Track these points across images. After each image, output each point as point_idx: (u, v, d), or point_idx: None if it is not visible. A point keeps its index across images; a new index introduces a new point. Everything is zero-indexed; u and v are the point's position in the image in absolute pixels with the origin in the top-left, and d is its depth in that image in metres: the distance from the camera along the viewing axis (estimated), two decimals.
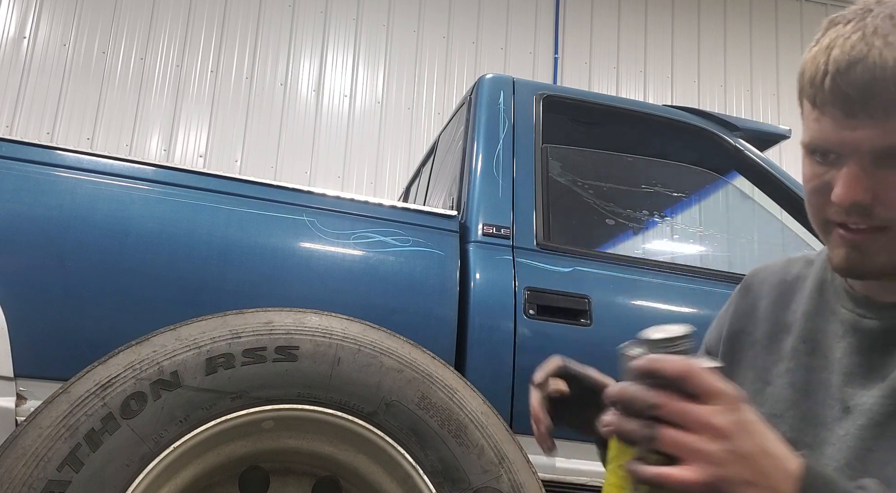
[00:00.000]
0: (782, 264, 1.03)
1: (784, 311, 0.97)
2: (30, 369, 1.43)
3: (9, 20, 5.63)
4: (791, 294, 0.98)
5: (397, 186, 5.78)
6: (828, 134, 0.78)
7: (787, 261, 1.03)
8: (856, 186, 0.77)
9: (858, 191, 0.77)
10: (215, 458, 1.36)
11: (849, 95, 0.75)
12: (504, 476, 1.37)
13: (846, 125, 0.76)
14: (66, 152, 1.63)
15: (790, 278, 1.00)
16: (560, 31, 6.62)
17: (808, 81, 0.78)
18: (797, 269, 1.00)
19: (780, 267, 1.02)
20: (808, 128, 0.81)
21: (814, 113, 0.79)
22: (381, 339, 1.43)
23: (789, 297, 0.98)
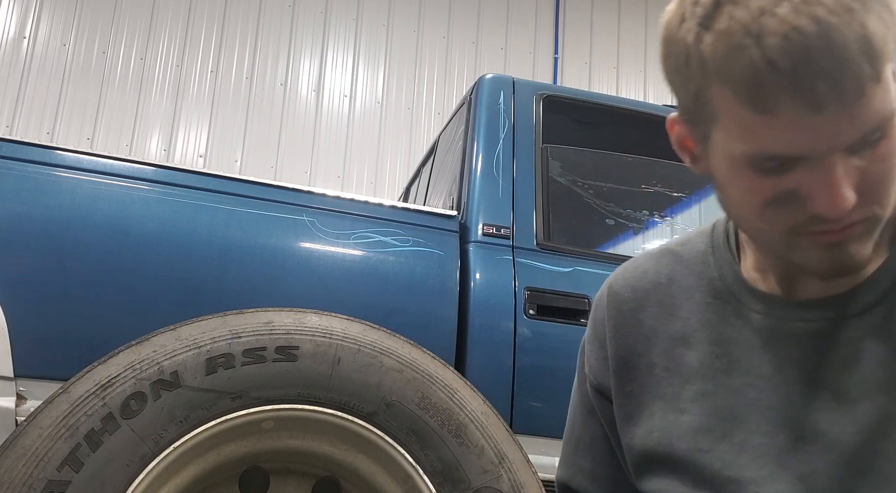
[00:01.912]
0: (645, 266, 0.87)
1: (672, 321, 0.82)
2: (30, 369, 1.43)
3: (9, 20, 5.63)
4: (673, 300, 0.83)
5: (397, 186, 5.78)
6: (790, 138, 0.62)
7: (647, 261, 0.88)
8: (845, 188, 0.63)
9: (849, 192, 0.63)
10: (215, 458, 1.36)
11: (813, 88, 0.59)
12: (504, 476, 1.37)
13: (814, 122, 0.60)
14: (66, 152, 1.63)
15: (663, 279, 0.84)
16: (560, 31, 6.62)
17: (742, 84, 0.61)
18: (666, 268, 0.85)
19: (645, 268, 0.87)
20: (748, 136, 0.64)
21: (760, 118, 0.62)
22: (381, 339, 1.43)
23: (672, 303, 0.83)
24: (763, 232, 0.70)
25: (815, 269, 0.70)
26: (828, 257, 0.68)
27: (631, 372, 0.83)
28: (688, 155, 0.74)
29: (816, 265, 0.69)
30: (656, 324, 0.83)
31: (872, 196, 0.65)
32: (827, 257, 0.68)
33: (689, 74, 0.65)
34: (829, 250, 0.67)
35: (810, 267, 0.70)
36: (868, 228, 0.67)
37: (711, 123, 0.67)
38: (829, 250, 0.67)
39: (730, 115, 0.64)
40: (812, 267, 0.70)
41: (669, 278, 0.84)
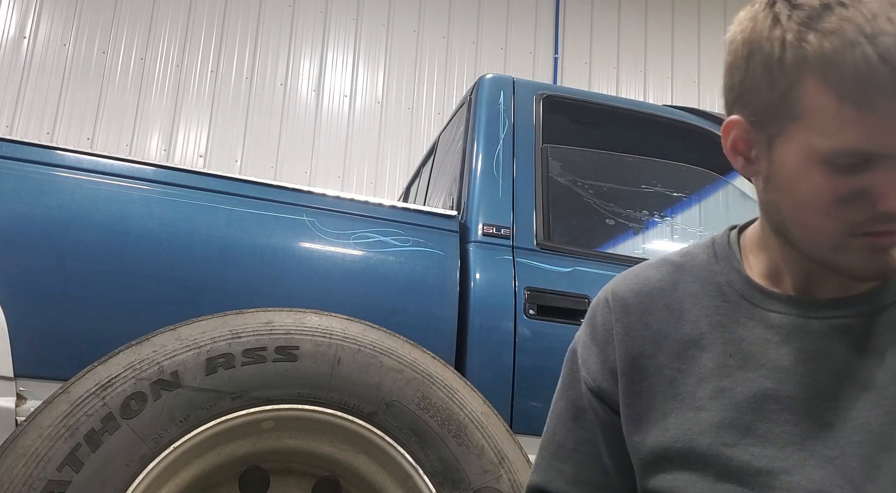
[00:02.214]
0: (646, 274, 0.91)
1: (681, 324, 0.85)
2: (30, 369, 1.43)
3: (9, 20, 5.63)
4: (679, 304, 0.86)
5: (397, 186, 5.78)
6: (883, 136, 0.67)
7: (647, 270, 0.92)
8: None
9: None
10: (215, 458, 1.36)
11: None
12: (504, 476, 1.37)
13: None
14: (66, 152, 1.63)
15: (668, 286, 0.88)
16: (560, 31, 6.62)
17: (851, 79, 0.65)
18: (668, 276, 0.89)
19: (647, 278, 0.90)
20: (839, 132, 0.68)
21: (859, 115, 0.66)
22: (381, 339, 1.43)
23: (679, 307, 0.86)
24: (819, 232, 0.74)
25: (858, 271, 0.75)
26: (872, 259, 0.73)
27: (640, 373, 0.85)
28: (740, 157, 0.79)
29: (860, 267, 0.74)
30: (664, 327, 0.86)
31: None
32: (872, 260, 0.73)
33: (780, 72, 0.69)
34: (875, 254, 0.73)
35: (853, 269, 0.75)
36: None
37: (790, 122, 0.71)
38: (875, 254, 0.73)
39: (823, 111, 0.68)
40: (855, 269, 0.75)
41: (674, 285, 0.88)
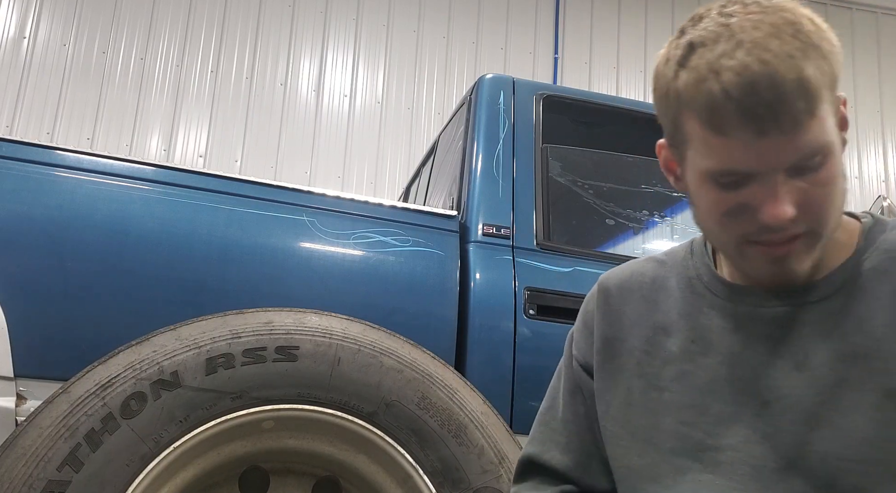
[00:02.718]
0: (632, 269, 1.01)
1: (654, 313, 0.95)
2: (30, 369, 1.43)
3: (9, 20, 5.63)
4: (655, 296, 0.96)
5: (397, 186, 5.78)
6: (741, 157, 0.76)
7: (634, 265, 1.02)
8: (786, 203, 0.77)
9: (788, 207, 0.76)
10: (215, 458, 1.36)
11: (758, 115, 0.73)
12: (504, 476, 1.37)
13: (760, 144, 0.75)
14: (66, 152, 1.63)
15: (648, 279, 0.98)
16: (560, 31, 6.62)
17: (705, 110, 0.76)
18: (651, 271, 0.99)
19: (632, 270, 1.01)
20: (710, 154, 0.78)
21: (718, 139, 0.76)
22: (381, 339, 1.43)
23: (655, 298, 0.96)
24: (722, 240, 0.84)
25: (758, 277, 0.84)
26: (771, 268, 0.82)
27: (611, 352, 0.96)
28: (672, 175, 0.89)
29: (761, 275, 0.84)
30: (639, 315, 0.96)
31: (813, 215, 0.78)
32: (770, 269, 0.82)
33: (668, 104, 0.81)
34: (773, 263, 0.81)
35: (755, 275, 0.84)
36: (808, 245, 0.80)
37: (685, 145, 0.82)
38: (773, 263, 0.81)
39: (697, 137, 0.79)
40: (757, 276, 0.84)
41: (653, 279, 0.98)
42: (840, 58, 0.78)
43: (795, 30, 0.75)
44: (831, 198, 0.78)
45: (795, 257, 0.80)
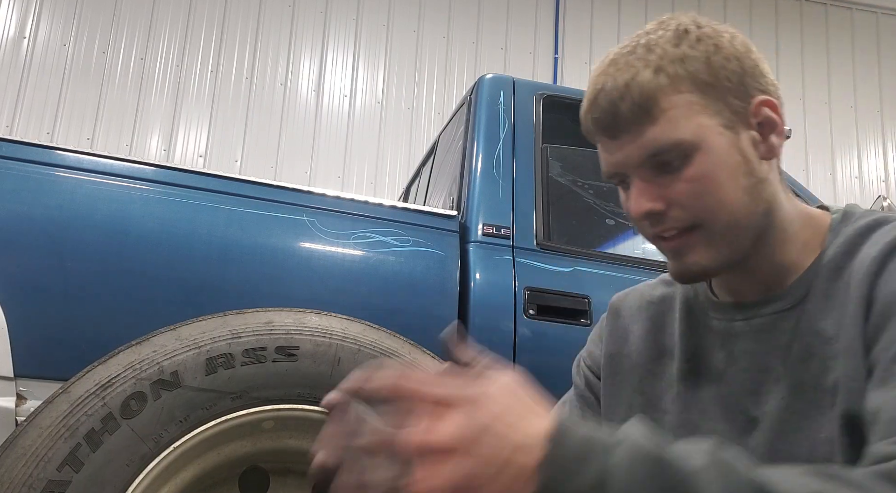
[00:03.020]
0: (643, 288, 1.03)
1: (661, 335, 0.96)
2: (30, 369, 1.43)
3: (9, 20, 5.63)
4: (663, 317, 0.97)
5: (397, 186, 5.78)
6: (608, 160, 0.85)
7: (644, 286, 1.04)
8: (641, 198, 0.82)
9: (644, 201, 0.82)
10: (215, 458, 1.36)
11: (602, 121, 0.83)
12: None
13: (614, 147, 0.83)
14: (66, 152, 1.63)
15: (656, 300, 0.99)
16: (560, 31, 6.62)
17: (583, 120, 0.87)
18: (659, 290, 1.00)
19: (642, 290, 1.02)
20: (600, 160, 0.87)
21: (598, 146, 0.87)
22: (381, 339, 1.43)
23: (662, 320, 0.97)
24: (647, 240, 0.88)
25: (671, 273, 0.87)
26: (674, 263, 0.85)
27: (616, 367, 0.98)
28: None
29: (672, 271, 0.86)
30: (646, 335, 0.97)
31: (691, 209, 0.81)
32: (674, 264, 0.85)
33: None
34: (673, 257, 0.85)
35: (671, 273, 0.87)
36: (703, 237, 0.82)
37: None
38: (673, 257, 0.85)
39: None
40: (672, 273, 0.87)
41: (661, 300, 0.99)
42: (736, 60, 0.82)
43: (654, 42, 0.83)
44: (708, 192, 0.81)
45: (691, 250, 0.83)
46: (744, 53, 0.83)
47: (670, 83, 0.81)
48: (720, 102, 0.82)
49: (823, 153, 6.83)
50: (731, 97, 0.82)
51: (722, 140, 0.81)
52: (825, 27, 7.17)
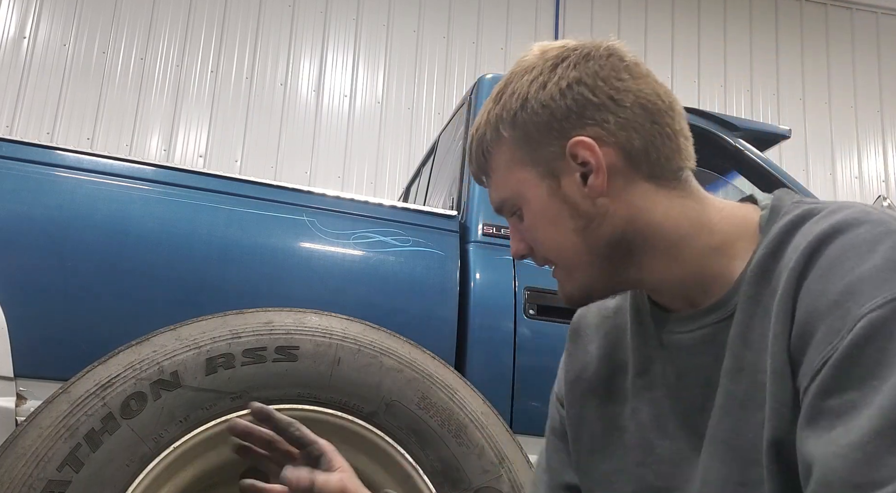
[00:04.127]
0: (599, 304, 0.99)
1: (617, 350, 0.93)
2: (30, 369, 1.43)
3: (9, 20, 5.63)
4: (618, 330, 0.94)
5: (397, 186, 5.78)
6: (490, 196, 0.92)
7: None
8: (513, 241, 0.90)
9: (515, 243, 0.90)
10: (215, 458, 1.36)
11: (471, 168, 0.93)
12: (504, 476, 1.37)
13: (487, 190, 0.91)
14: (66, 152, 1.63)
15: (611, 313, 0.96)
16: (560, 31, 6.62)
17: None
18: (613, 302, 0.97)
19: (598, 306, 0.99)
20: None
21: None
22: (381, 339, 1.43)
23: (616, 334, 0.94)
24: None
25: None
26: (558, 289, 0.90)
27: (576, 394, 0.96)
28: None
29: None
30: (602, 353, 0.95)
31: (539, 251, 0.88)
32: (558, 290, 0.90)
33: None
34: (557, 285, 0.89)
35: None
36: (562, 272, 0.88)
37: None
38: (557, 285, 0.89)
39: None
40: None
41: (616, 311, 0.96)
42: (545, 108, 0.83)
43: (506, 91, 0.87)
44: (541, 240, 0.86)
45: (561, 280, 0.88)
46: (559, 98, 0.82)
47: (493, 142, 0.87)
48: (536, 152, 0.84)
49: (823, 153, 6.82)
50: (546, 146, 0.83)
51: (540, 191, 0.84)
52: (825, 27, 7.17)
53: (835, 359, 0.64)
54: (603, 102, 0.82)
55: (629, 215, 0.83)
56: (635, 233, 0.83)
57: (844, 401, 0.62)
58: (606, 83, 0.82)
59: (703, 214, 0.83)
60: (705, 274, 0.81)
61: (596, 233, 0.83)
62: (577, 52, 0.85)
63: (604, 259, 0.84)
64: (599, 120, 0.82)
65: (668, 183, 0.84)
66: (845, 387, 0.63)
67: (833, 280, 0.67)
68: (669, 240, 0.82)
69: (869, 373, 0.62)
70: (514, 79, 0.87)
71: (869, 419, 0.60)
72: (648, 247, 0.83)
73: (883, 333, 0.62)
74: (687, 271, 0.82)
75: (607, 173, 0.81)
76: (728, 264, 0.81)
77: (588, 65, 0.83)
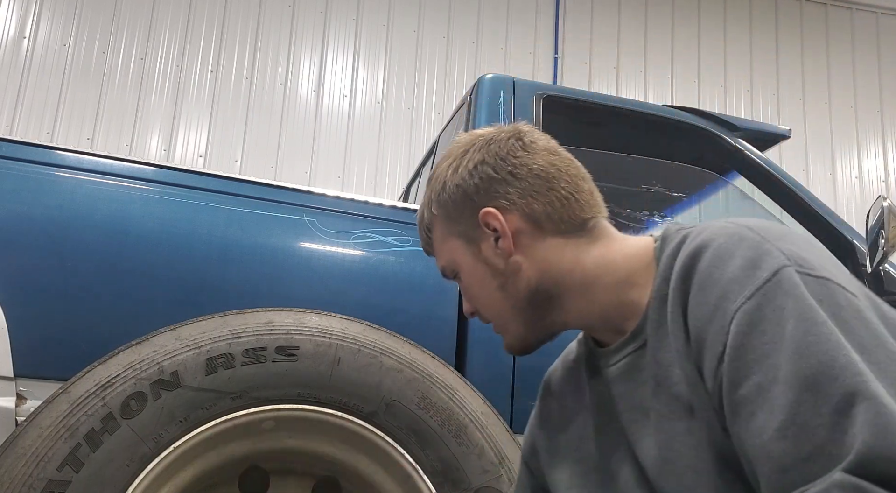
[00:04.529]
0: (566, 354, 1.10)
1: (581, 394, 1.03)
2: (30, 369, 1.43)
3: (9, 20, 5.64)
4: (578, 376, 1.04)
5: (397, 186, 5.78)
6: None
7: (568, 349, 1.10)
8: (464, 302, 1.05)
9: (465, 305, 1.05)
10: (215, 458, 1.36)
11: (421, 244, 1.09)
12: (504, 476, 1.37)
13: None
14: (66, 152, 1.63)
15: (572, 363, 1.06)
16: (560, 31, 6.62)
17: None
18: (574, 352, 1.07)
19: (564, 357, 1.09)
20: None
21: None
22: (381, 339, 1.43)
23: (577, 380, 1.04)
24: None
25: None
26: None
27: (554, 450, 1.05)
28: None
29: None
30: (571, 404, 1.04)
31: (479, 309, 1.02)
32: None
33: None
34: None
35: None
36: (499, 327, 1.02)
37: None
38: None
39: None
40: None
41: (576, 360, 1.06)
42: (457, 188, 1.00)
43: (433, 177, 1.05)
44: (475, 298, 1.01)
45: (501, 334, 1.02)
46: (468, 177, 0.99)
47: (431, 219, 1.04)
48: (459, 224, 1.00)
49: (823, 153, 6.82)
50: (464, 218, 0.99)
51: (467, 257, 1.00)
52: (825, 27, 7.17)
53: (728, 353, 0.72)
54: (503, 177, 0.97)
55: (540, 268, 0.96)
56: (549, 281, 0.95)
57: (752, 386, 0.69)
58: (505, 161, 0.98)
59: (608, 255, 0.95)
60: (621, 304, 0.92)
61: (515, 287, 0.97)
62: (483, 138, 1.01)
63: (526, 309, 0.97)
64: (503, 192, 0.97)
65: (575, 234, 0.97)
66: (747, 374, 0.70)
67: (709, 290, 0.76)
68: (581, 282, 0.94)
69: (762, 354, 0.69)
70: (439, 166, 1.05)
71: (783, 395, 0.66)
72: (564, 291, 0.95)
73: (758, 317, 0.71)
74: (604, 305, 0.93)
75: (513, 235, 0.96)
76: (638, 293, 0.90)
77: (490, 147, 0.99)
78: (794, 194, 2.08)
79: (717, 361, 0.73)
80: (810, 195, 2.12)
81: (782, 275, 0.72)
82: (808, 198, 2.10)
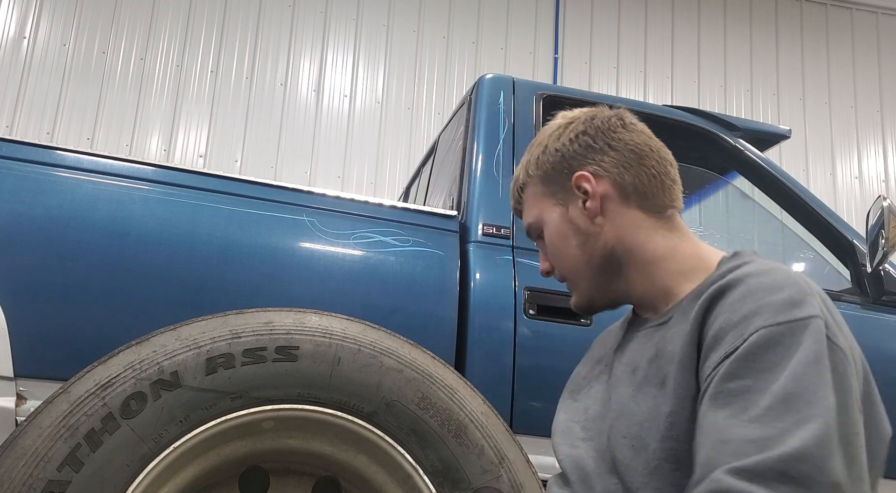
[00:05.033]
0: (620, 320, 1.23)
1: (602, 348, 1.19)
2: (30, 369, 1.43)
3: (9, 20, 5.64)
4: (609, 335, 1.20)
5: (397, 186, 5.79)
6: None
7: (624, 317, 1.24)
8: (540, 261, 1.19)
9: (542, 262, 1.18)
10: (215, 458, 1.36)
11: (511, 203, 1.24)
12: (504, 476, 1.37)
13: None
14: (66, 152, 1.63)
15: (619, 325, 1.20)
16: (560, 31, 6.62)
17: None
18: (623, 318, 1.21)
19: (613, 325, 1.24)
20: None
21: None
22: (381, 339, 1.43)
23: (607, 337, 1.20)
24: None
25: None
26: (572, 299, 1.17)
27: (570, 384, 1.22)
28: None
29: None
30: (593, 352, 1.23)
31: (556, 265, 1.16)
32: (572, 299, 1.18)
33: None
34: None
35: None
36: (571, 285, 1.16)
37: None
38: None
39: None
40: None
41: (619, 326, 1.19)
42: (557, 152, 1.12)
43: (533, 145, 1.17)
44: (555, 254, 1.14)
45: (572, 291, 1.16)
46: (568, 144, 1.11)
47: (526, 180, 1.17)
48: (553, 185, 1.12)
49: (823, 153, 6.83)
50: (559, 180, 1.12)
51: (554, 215, 1.13)
52: (825, 27, 7.17)
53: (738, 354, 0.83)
54: (601, 147, 1.09)
55: (618, 234, 1.07)
56: (622, 249, 1.07)
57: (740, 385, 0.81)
58: (605, 134, 1.10)
59: (679, 246, 1.06)
60: (669, 291, 1.04)
61: (593, 246, 1.08)
62: (587, 113, 1.13)
63: (598, 270, 1.09)
64: (598, 160, 1.09)
65: (654, 215, 1.08)
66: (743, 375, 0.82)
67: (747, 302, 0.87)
68: (649, 259, 1.06)
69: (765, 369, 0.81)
70: (541, 134, 1.16)
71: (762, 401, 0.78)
72: (631, 262, 1.07)
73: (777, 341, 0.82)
74: (658, 287, 1.06)
75: (601, 199, 1.08)
76: (687, 286, 1.02)
77: (593, 122, 1.12)
78: (794, 194, 2.08)
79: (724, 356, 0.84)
80: (810, 195, 2.12)
81: (814, 323, 0.83)
82: (808, 198, 2.10)
